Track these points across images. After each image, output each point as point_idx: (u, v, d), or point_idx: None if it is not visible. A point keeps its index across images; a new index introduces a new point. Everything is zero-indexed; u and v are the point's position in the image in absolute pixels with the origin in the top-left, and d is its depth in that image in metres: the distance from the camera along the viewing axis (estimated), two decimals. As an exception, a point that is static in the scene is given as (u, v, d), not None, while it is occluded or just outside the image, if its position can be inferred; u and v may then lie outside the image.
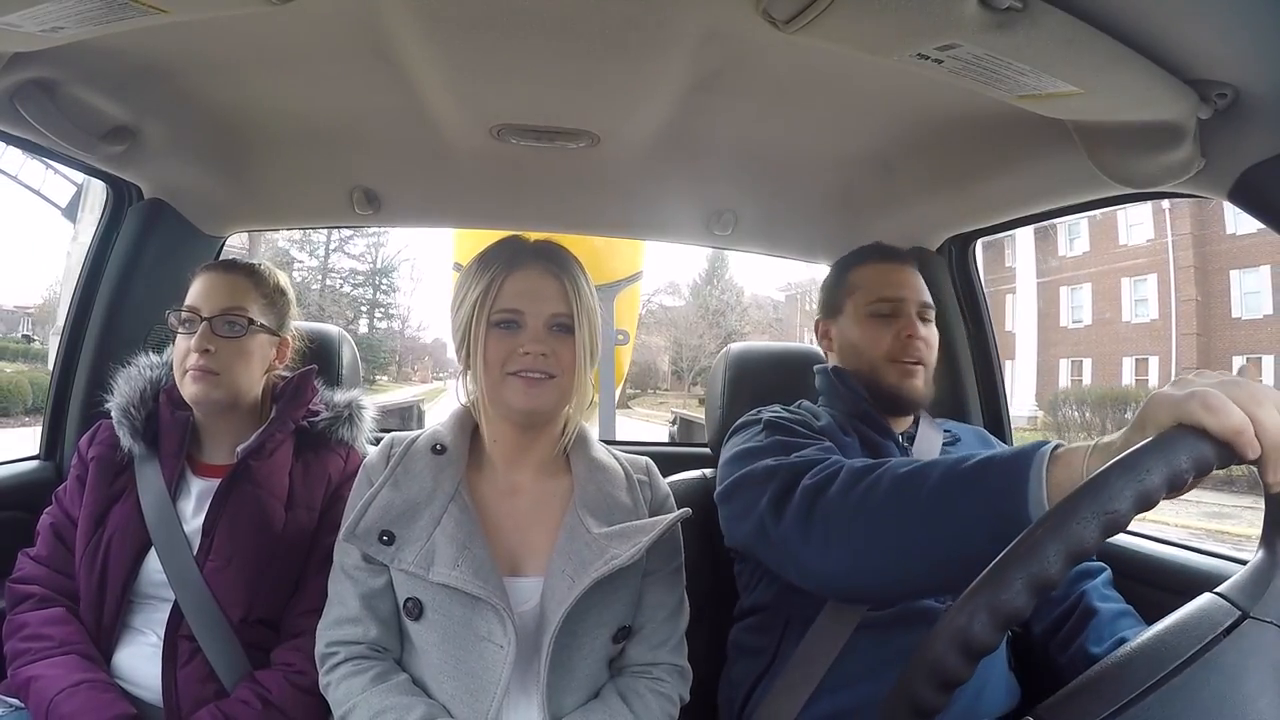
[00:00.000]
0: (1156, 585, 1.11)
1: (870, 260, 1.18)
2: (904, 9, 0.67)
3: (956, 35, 0.68)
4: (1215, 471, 0.54)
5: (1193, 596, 0.56)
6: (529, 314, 0.91)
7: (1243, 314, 14.46)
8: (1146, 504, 0.49)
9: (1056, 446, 0.67)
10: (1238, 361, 14.14)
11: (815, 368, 1.22)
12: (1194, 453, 0.51)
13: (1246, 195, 0.80)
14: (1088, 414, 13.28)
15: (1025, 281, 17.44)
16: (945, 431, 1.19)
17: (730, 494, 0.98)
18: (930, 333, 1.14)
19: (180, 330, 1.09)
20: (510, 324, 0.92)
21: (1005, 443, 1.37)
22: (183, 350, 1.08)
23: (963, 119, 1.06)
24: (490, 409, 0.96)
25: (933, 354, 1.14)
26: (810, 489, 0.85)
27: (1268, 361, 13.73)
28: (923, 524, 0.73)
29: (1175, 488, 0.51)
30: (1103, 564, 1.12)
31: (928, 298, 1.15)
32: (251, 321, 1.11)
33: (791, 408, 1.12)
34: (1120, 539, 1.13)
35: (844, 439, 1.06)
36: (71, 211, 14.15)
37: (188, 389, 1.08)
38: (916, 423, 1.16)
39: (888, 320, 1.12)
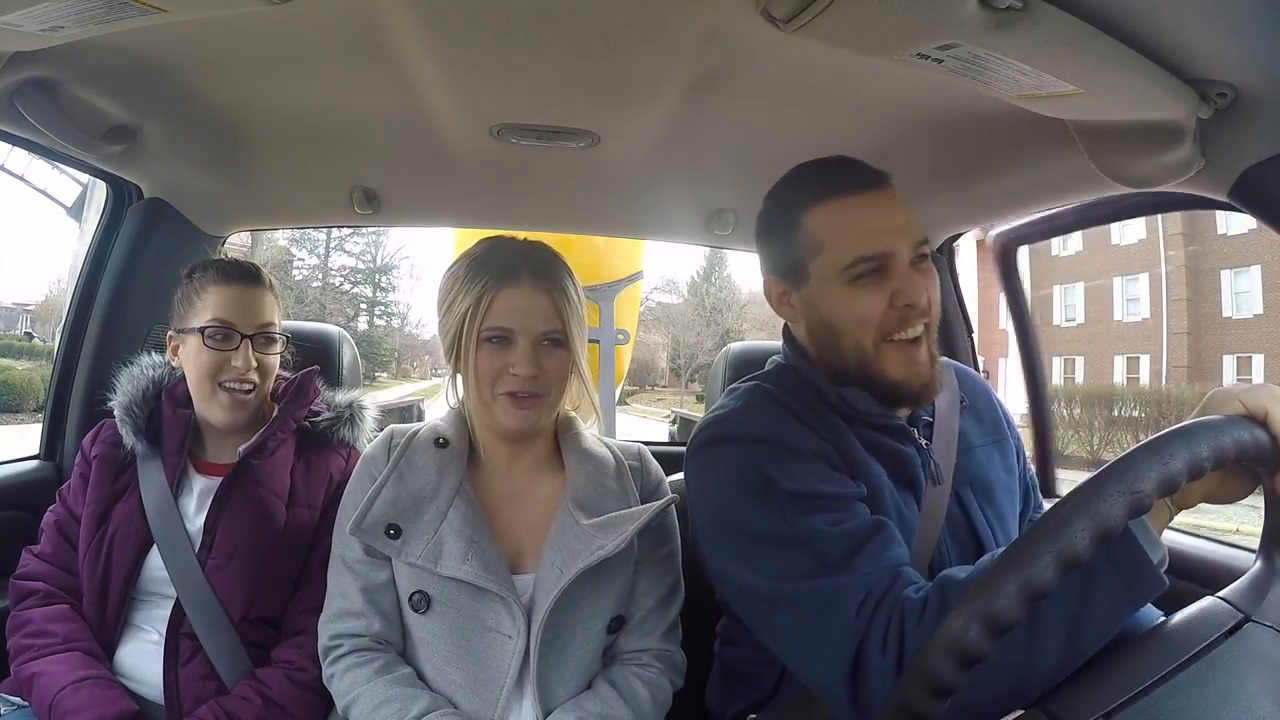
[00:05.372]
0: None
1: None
2: (904, 9, 0.67)
3: (956, 35, 0.68)
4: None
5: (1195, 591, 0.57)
6: (519, 331, 0.91)
7: (1234, 313, 14.54)
8: (1169, 487, 0.52)
9: None
10: (1229, 360, 14.25)
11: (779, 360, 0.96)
12: (1213, 442, 0.54)
13: (1246, 195, 0.80)
14: (1077, 411, 13.35)
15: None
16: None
17: (748, 595, 0.80)
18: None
19: (211, 345, 1.06)
20: (500, 339, 0.91)
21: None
22: (215, 364, 1.06)
23: (963, 119, 1.06)
24: (480, 421, 0.97)
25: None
26: (887, 671, 0.68)
27: (1257, 361, 13.83)
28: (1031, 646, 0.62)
29: (1196, 475, 0.53)
30: None
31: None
32: (288, 338, 1.13)
33: (801, 431, 0.83)
34: None
35: (874, 470, 0.84)
36: (77, 211, 14.15)
37: (221, 412, 1.07)
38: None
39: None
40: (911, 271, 0.83)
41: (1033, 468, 1.07)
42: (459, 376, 0.97)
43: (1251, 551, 0.61)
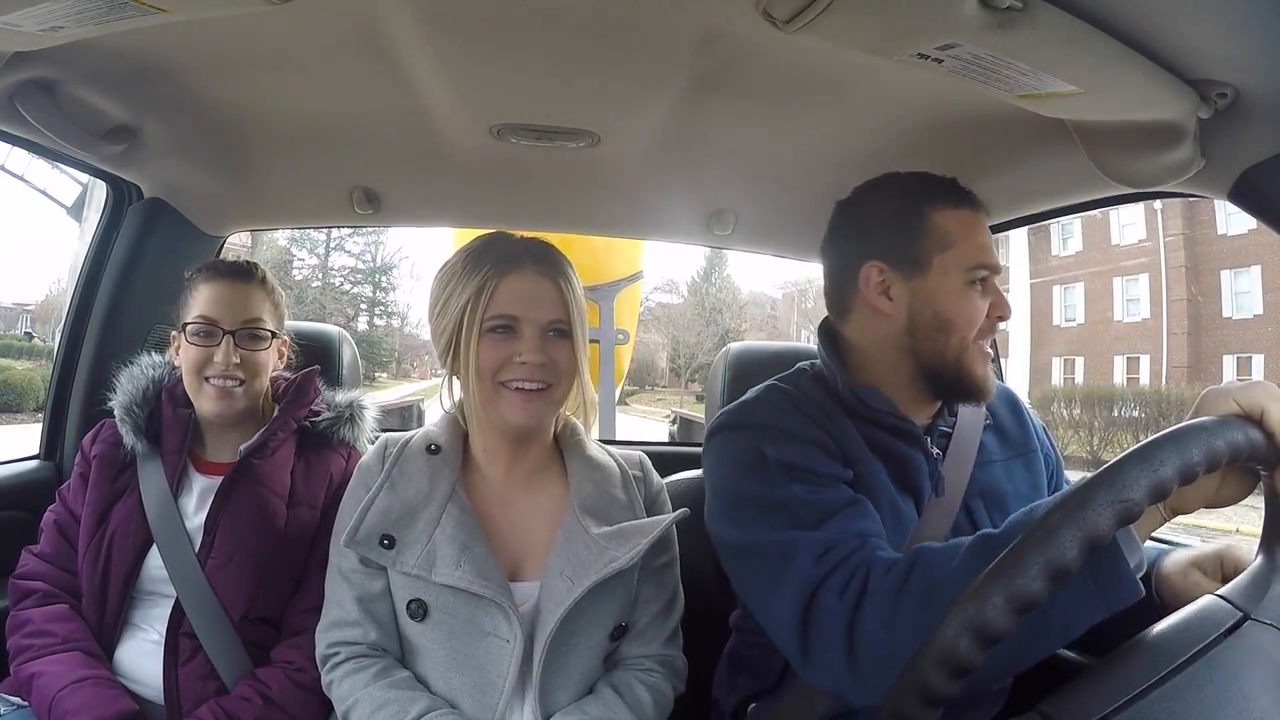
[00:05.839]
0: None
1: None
2: (904, 9, 0.67)
3: (956, 35, 0.68)
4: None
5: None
6: (525, 320, 0.89)
7: (1234, 313, 14.54)
8: (1160, 493, 0.51)
9: None
10: (1228, 360, 14.26)
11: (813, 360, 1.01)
12: (1205, 445, 0.53)
13: (1246, 195, 0.80)
14: (1076, 412, 13.35)
15: (1019, 281, 17.50)
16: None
17: (733, 551, 0.86)
18: None
19: (194, 341, 1.08)
20: (505, 329, 0.89)
21: None
22: (199, 360, 1.07)
23: (963, 119, 1.06)
24: (481, 418, 0.93)
25: None
26: (840, 615, 0.73)
27: (1257, 361, 13.83)
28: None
29: (1188, 479, 0.53)
30: None
31: None
32: (273, 334, 1.12)
33: (804, 422, 0.89)
34: None
35: (872, 466, 0.88)
36: (77, 211, 14.20)
37: (210, 404, 1.08)
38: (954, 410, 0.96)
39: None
40: (1000, 290, 0.93)
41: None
42: (454, 378, 0.95)
43: None
